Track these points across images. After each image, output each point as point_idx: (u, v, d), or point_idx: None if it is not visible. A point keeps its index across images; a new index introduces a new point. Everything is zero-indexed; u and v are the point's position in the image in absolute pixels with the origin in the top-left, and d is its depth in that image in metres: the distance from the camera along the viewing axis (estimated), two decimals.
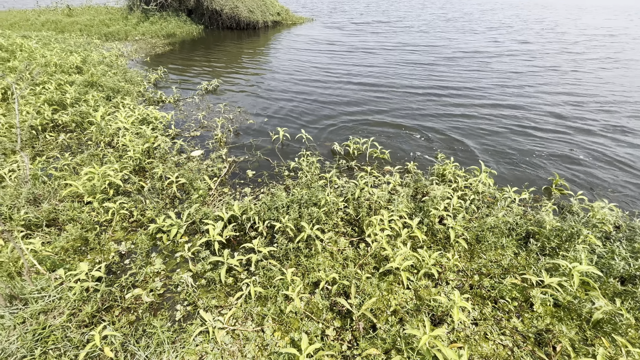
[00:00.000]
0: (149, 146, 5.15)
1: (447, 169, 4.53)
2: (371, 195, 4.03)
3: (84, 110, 6.06)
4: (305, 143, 5.71)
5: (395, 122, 6.68)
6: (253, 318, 2.71)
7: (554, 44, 15.15)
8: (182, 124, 6.47)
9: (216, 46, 14.74)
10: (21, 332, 2.17)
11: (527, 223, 3.46)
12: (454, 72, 10.37)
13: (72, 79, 7.55)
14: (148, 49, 13.59)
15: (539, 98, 7.99)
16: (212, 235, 3.26)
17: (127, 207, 3.83)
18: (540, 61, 11.93)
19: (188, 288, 2.94)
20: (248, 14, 18.68)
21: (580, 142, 5.77)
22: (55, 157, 4.96)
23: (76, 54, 9.74)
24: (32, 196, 3.76)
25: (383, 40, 15.94)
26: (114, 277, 3.06)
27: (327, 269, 3.10)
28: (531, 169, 5.00)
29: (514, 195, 3.95)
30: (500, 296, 2.86)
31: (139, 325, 2.60)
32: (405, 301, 2.87)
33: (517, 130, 6.29)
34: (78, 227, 3.47)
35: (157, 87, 8.81)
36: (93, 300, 2.59)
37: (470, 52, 13.27)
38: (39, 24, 15.95)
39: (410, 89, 8.72)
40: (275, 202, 3.74)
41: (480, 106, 7.46)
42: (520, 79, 9.58)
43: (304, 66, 11.11)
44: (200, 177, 4.44)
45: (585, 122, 6.65)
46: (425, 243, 3.42)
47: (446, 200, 3.71)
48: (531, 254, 3.19)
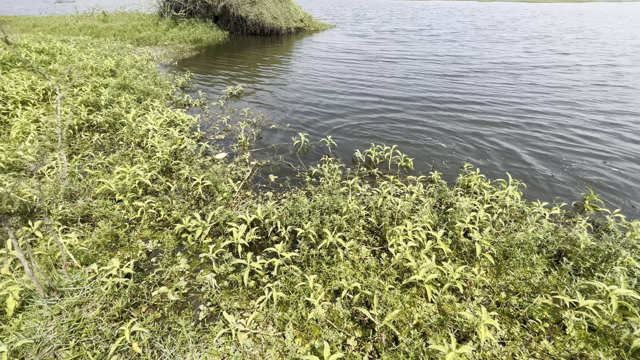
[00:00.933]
0: (176, 148, 5.33)
1: (473, 180, 4.42)
2: (394, 205, 3.99)
3: (117, 112, 6.35)
4: (328, 149, 5.73)
5: (412, 135, 6.59)
6: (274, 323, 2.73)
7: (595, 56, 14.21)
8: (207, 127, 6.66)
9: (240, 51, 15.13)
10: (58, 323, 2.28)
11: (559, 240, 3.32)
12: (480, 84, 9.93)
13: (106, 81, 7.94)
14: (176, 54, 14.12)
15: (574, 117, 7.48)
16: (235, 238, 3.32)
17: (155, 207, 3.97)
18: (580, 74, 11.13)
19: (211, 289, 3.00)
20: (272, 20, 19.09)
21: (617, 169, 5.31)
22: (90, 155, 5.21)
23: (110, 58, 10.26)
24: (69, 192, 3.96)
25: (406, 50, 15.72)
26: (141, 274, 3.17)
27: (348, 277, 3.08)
28: (560, 184, 4.79)
29: (544, 210, 3.80)
30: (530, 316, 2.75)
31: (165, 322, 2.67)
32: (429, 315, 2.80)
33: (545, 147, 6.04)
34: (109, 224, 3.63)
35: (184, 90, 9.12)
36: (123, 296, 2.69)
37: (500, 64, 12.74)
38: (76, 29, 16.94)
39: (430, 101, 8.39)
40: (297, 207, 3.77)
41: (507, 122, 7.18)
42: (555, 94, 8.97)
43: (323, 75, 11.15)
44: (224, 179, 4.54)
45: (623, 148, 5.92)
46: (449, 256, 3.34)
47: (472, 213, 3.62)
48: (563, 274, 3.05)
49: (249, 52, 15.13)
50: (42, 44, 10.61)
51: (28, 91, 6.93)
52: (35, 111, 6.06)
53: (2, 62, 8.65)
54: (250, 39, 18.78)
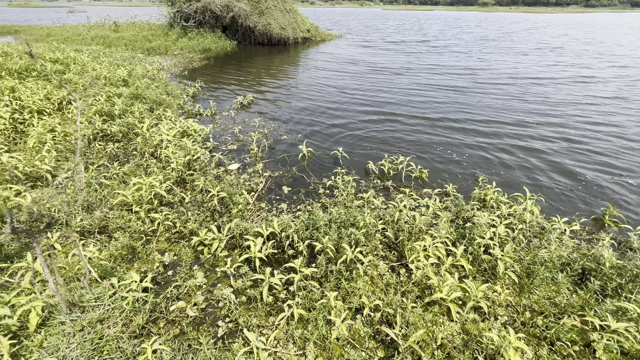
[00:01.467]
0: (189, 158, 5.35)
1: (489, 194, 4.38)
2: (409, 219, 3.95)
3: (131, 122, 6.42)
4: (339, 161, 5.73)
5: (422, 148, 6.57)
6: (295, 341, 2.68)
7: (608, 68, 13.92)
8: (219, 137, 6.70)
9: (249, 61, 15.33)
10: (80, 340, 2.25)
11: (582, 258, 3.25)
12: (489, 97, 9.78)
13: (119, 91, 8.06)
14: (186, 63, 14.34)
15: (587, 130, 7.41)
16: (253, 252, 3.30)
17: (171, 218, 3.97)
18: (593, 86, 10.84)
19: (230, 305, 2.96)
20: (280, 30, 19.38)
21: (633, 183, 5.22)
22: (105, 165, 5.25)
23: (123, 68, 10.43)
24: (86, 204, 3.98)
25: (413, 61, 15.69)
26: (158, 288, 3.14)
27: (368, 294, 3.04)
28: (577, 198, 4.73)
29: (564, 226, 3.74)
30: (557, 338, 2.68)
31: (184, 339, 2.64)
32: (452, 335, 2.74)
33: (559, 161, 6.00)
34: (126, 236, 3.62)
35: (195, 99, 9.22)
36: (143, 312, 2.66)
37: (510, 76, 12.56)
38: (89, 39, 17.30)
39: (436, 113, 8.31)
40: (314, 221, 3.74)
41: (517, 134, 7.15)
42: (567, 107, 8.75)
43: (329, 86, 11.23)
44: (239, 191, 4.53)
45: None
46: (470, 273, 3.28)
47: (492, 229, 3.57)
48: (589, 294, 2.98)
49: (257, 61, 15.33)
50: (57, 54, 10.83)
51: (44, 100, 7.05)
52: (51, 120, 6.14)
53: (19, 71, 8.83)
54: (258, 48, 19.06)
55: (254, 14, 19.13)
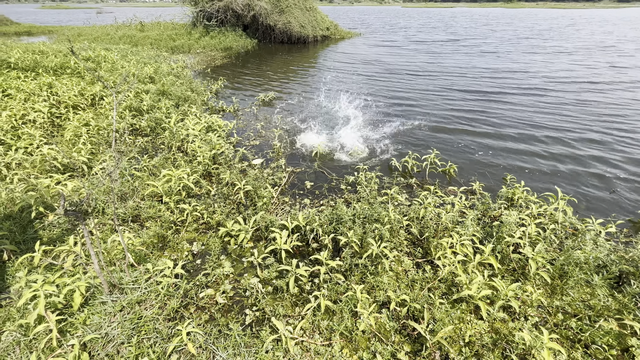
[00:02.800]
0: (214, 152, 5.49)
1: (517, 193, 4.26)
2: (434, 216, 3.90)
3: (158, 117, 6.64)
4: (357, 157, 5.70)
5: (451, 146, 6.45)
6: (321, 331, 2.71)
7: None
8: (241, 133, 6.83)
9: (269, 59, 15.51)
10: (121, 319, 2.38)
11: (620, 261, 3.12)
12: (519, 104, 8.76)
13: (147, 87, 8.35)
14: (208, 61, 14.67)
15: (623, 134, 7.05)
16: (279, 243, 3.36)
17: (199, 210, 4.09)
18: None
19: (257, 294, 3.03)
20: (299, 29, 19.47)
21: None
22: (135, 157, 5.47)
23: (149, 66, 10.80)
24: (120, 193, 4.16)
25: (438, 62, 14.89)
26: (188, 276, 3.26)
27: (394, 289, 3.03)
28: (611, 200, 4.53)
29: (599, 227, 3.59)
30: (592, 341, 2.58)
31: (214, 325, 2.72)
32: (480, 333, 2.70)
33: (593, 163, 5.75)
34: (157, 225, 3.77)
35: (217, 96, 9.43)
36: (176, 296, 2.77)
37: (547, 78, 11.46)
38: (117, 38, 17.98)
39: (461, 123, 7.56)
40: (339, 215, 3.77)
41: (550, 139, 6.87)
42: (604, 111, 8.00)
43: (348, 82, 11.19)
44: (263, 185, 4.62)
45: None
46: (499, 272, 3.21)
47: (521, 228, 3.48)
48: (628, 297, 2.86)
49: (277, 60, 15.48)
50: (89, 52, 11.34)
51: (78, 96, 7.41)
52: (85, 115, 6.45)
53: (54, 68, 9.32)
54: (278, 47, 19.24)
55: (275, 12, 19.32)
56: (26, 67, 9.04)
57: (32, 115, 6.18)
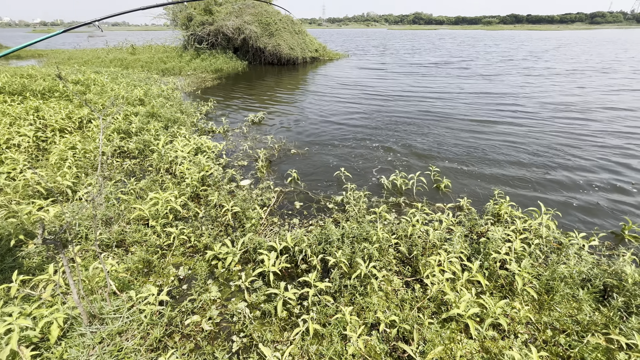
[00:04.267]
0: (203, 174, 5.48)
1: (503, 208, 4.34)
2: (422, 233, 3.93)
3: (147, 139, 6.64)
4: (343, 179, 5.72)
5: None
6: (310, 357, 2.65)
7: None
8: (231, 154, 6.85)
9: (259, 81, 15.82)
10: (100, 352, 2.28)
11: (603, 274, 3.17)
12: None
13: (136, 110, 8.38)
14: (199, 83, 14.87)
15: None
16: (267, 266, 3.32)
17: (185, 233, 4.03)
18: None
19: (244, 319, 2.96)
20: (289, 50, 20.03)
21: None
22: (122, 180, 5.41)
23: (139, 88, 10.88)
24: (105, 218, 4.08)
25: (428, 86, 14.25)
26: (173, 302, 3.17)
27: (384, 309, 3.00)
28: (593, 213, 4.65)
29: (582, 241, 3.67)
30: (581, 357, 2.58)
31: (200, 354, 2.63)
32: (471, 353, 2.67)
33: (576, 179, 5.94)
34: (143, 250, 3.69)
35: (207, 117, 9.51)
36: (160, 325, 2.68)
37: (546, 103, 10.86)
38: (107, 61, 18.15)
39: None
40: (327, 235, 3.76)
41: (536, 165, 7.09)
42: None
43: (333, 104, 11.35)
44: (252, 206, 4.60)
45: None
46: (487, 289, 3.23)
47: (507, 244, 3.53)
48: (613, 311, 2.89)
49: (267, 81, 15.81)
50: (78, 76, 11.39)
51: (65, 119, 7.37)
52: (72, 138, 6.40)
53: (42, 92, 9.29)
54: (268, 68, 19.70)
55: (264, 35, 19.91)
56: (13, 91, 8.99)
57: (17, 140, 6.10)
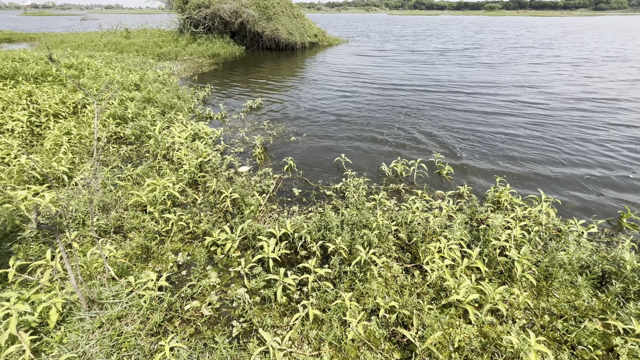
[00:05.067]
0: (201, 160, 5.41)
1: (503, 196, 4.33)
2: (422, 220, 3.92)
3: (143, 125, 6.52)
4: (343, 165, 5.67)
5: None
6: (310, 341, 2.66)
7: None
8: (229, 140, 6.76)
9: (257, 66, 15.50)
10: (100, 336, 2.27)
11: (602, 261, 3.18)
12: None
13: (132, 95, 8.21)
14: (195, 68, 14.56)
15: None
16: (267, 252, 3.30)
17: (184, 219, 4.00)
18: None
19: (244, 304, 2.96)
20: (287, 35, 19.57)
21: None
22: (118, 167, 5.34)
23: (134, 73, 10.64)
24: (102, 204, 4.04)
25: (433, 75, 13.56)
26: (172, 288, 3.16)
27: (383, 295, 3.01)
28: (593, 200, 4.65)
29: (581, 228, 3.67)
30: (578, 342, 2.61)
31: (200, 338, 2.64)
32: (469, 338, 2.69)
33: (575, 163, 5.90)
34: (141, 236, 3.66)
35: (205, 103, 9.34)
36: (159, 310, 2.68)
37: (556, 94, 10.25)
38: (101, 45, 17.70)
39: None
40: (327, 222, 3.74)
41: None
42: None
43: (335, 92, 11.12)
44: (251, 192, 4.56)
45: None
46: (486, 275, 3.23)
47: (507, 231, 3.52)
48: (611, 297, 2.91)
49: (266, 66, 15.49)
50: (71, 60, 11.11)
51: (59, 104, 7.21)
52: (67, 123, 6.28)
53: (35, 76, 9.07)
54: (266, 53, 19.28)
55: (262, 19, 19.40)
56: (5, 75, 8.77)
57: (10, 124, 5.98)
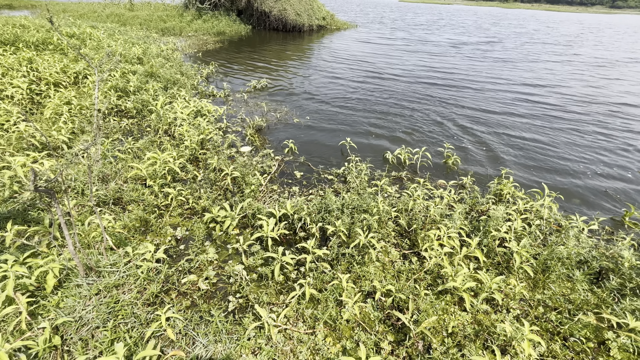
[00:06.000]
0: (203, 138, 5.34)
1: (505, 188, 4.29)
2: (423, 208, 3.90)
3: (145, 99, 6.41)
4: (347, 149, 5.60)
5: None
6: (304, 320, 2.68)
7: None
8: (231, 119, 6.67)
9: (263, 46, 15.16)
10: (97, 303, 2.28)
11: (601, 257, 3.18)
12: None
13: (134, 68, 8.04)
14: (200, 45, 14.25)
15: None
16: (266, 231, 3.29)
17: (184, 194, 3.97)
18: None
19: (241, 281, 2.97)
20: (295, 16, 19.08)
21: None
22: (119, 139, 5.27)
23: (137, 46, 10.40)
24: (101, 175, 4.00)
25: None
26: (170, 261, 3.16)
27: (380, 279, 3.02)
28: (596, 197, 4.62)
29: (582, 224, 3.65)
30: (570, 334, 2.63)
31: (196, 311, 2.66)
32: (463, 324, 2.72)
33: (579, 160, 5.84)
34: (140, 209, 3.64)
35: (208, 81, 9.18)
36: (156, 281, 2.69)
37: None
38: (104, 16, 17.26)
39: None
40: (327, 205, 3.72)
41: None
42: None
43: (340, 77, 10.92)
44: (252, 172, 4.52)
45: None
46: (484, 265, 3.24)
47: (507, 223, 3.50)
48: (606, 292, 2.92)
49: (271, 47, 15.15)
50: (73, 29, 10.83)
51: (60, 73, 7.07)
52: (67, 93, 6.16)
53: (35, 44, 8.86)
54: (272, 34, 18.82)
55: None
56: (5, 41, 8.56)
57: (10, 91, 5.87)
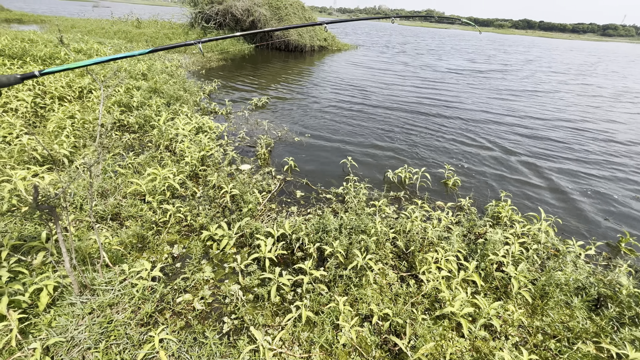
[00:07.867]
0: (203, 154, 5.39)
1: (503, 212, 4.33)
2: (421, 230, 3.91)
3: (147, 114, 6.51)
4: (348, 169, 5.67)
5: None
6: (301, 343, 2.64)
7: None
8: (232, 136, 6.75)
9: (265, 65, 15.56)
10: (90, 322, 2.24)
11: (598, 283, 3.18)
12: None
13: (138, 84, 8.20)
14: (203, 62, 14.60)
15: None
16: (263, 251, 3.28)
17: (182, 211, 3.98)
18: None
19: (237, 301, 2.93)
20: (297, 37, 19.69)
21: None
22: (120, 154, 5.31)
23: (142, 62, 10.65)
24: (101, 190, 4.01)
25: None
26: (166, 279, 3.13)
27: (378, 302, 2.99)
28: (591, 222, 4.66)
29: (579, 249, 3.67)
30: None
31: (190, 332, 2.61)
32: (461, 351, 2.67)
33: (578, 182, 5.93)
34: (138, 225, 3.63)
35: (210, 98, 9.35)
36: (151, 300, 2.65)
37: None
38: (111, 33, 17.72)
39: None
40: (325, 225, 3.72)
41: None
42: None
43: (340, 98, 11.24)
44: (250, 190, 4.54)
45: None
46: (482, 289, 3.22)
47: (505, 246, 3.51)
48: (605, 320, 2.90)
49: (273, 66, 15.55)
50: (80, 44, 11.11)
51: (65, 88, 7.20)
52: (71, 107, 6.25)
53: (43, 58, 9.06)
54: (275, 53, 19.37)
55: (273, 19, 19.51)
56: (13, 55, 8.75)
57: (15, 104, 5.95)
